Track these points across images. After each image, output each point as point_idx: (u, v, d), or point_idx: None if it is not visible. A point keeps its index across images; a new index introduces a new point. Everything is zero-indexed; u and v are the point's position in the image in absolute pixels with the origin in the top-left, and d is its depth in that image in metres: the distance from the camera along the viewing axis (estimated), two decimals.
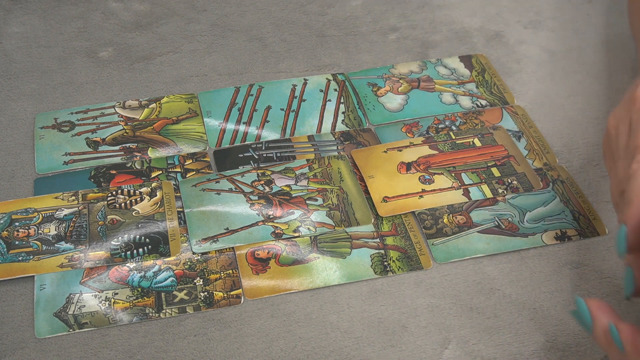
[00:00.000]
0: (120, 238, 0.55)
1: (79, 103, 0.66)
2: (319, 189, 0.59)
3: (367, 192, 0.59)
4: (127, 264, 0.54)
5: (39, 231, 0.55)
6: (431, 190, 0.59)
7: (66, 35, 0.74)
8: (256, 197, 0.58)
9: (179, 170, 0.60)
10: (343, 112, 0.66)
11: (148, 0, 0.78)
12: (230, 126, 0.64)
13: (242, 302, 0.52)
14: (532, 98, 0.68)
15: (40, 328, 0.50)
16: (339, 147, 0.63)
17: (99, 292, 0.52)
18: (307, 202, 0.58)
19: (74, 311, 0.51)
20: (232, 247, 0.55)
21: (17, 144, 0.63)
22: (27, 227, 0.55)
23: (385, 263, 0.54)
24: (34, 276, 0.53)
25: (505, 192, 0.59)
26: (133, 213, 0.57)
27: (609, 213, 0.58)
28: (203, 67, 0.70)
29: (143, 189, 0.58)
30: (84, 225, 0.56)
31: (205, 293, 0.52)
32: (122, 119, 0.65)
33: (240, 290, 0.52)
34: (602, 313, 0.43)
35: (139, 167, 0.60)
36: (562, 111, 0.66)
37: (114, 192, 0.58)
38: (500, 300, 0.52)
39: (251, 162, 0.61)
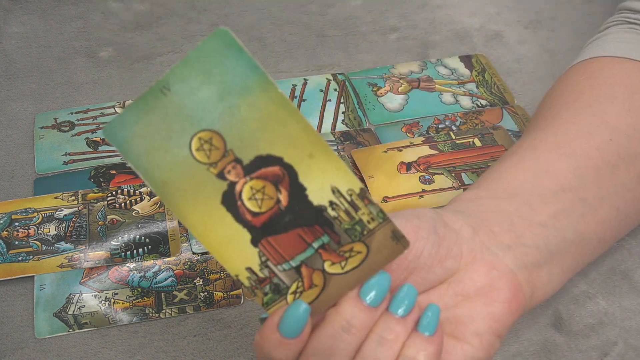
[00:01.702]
0: (120, 238, 0.55)
1: (78, 103, 0.66)
2: None
3: None
4: (127, 264, 0.54)
5: (39, 231, 0.55)
6: (431, 190, 0.59)
7: (66, 35, 0.74)
8: None
9: None
10: (343, 112, 0.66)
11: (148, 0, 0.78)
12: None
13: (242, 302, 0.52)
14: (532, 98, 0.67)
15: (40, 328, 0.50)
16: (339, 147, 0.63)
17: (99, 292, 0.52)
18: None
19: (73, 311, 0.51)
20: None
21: (17, 144, 0.63)
22: (27, 227, 0.55)
23: None
24: (33, 276, 0.53)
25: None
26: (133, 213, 0.57)
27: None
28: None
29: (143, 189, 0.58)
30: (84, 225, 0.56)
31: (205, 293, 0.52)
32: None
33: (240, 290, 0.52)
34: None
35: None
36: None
37: (113, 192, 0.58)
38: None
39: None
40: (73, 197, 0.58)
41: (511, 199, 0.44)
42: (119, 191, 0.58)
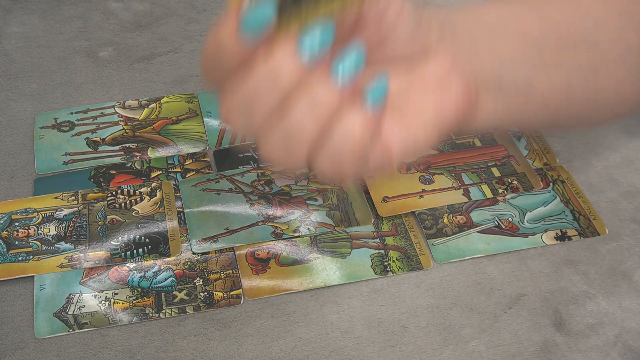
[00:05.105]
0: (120, 238, 0.55)
1: (78, 103, 0.66)
2: (319, 188, 0.59)
3: (367, 192, 0.59)
4: (127, 264, 0.54)
5: (39, 231, 0.55)
6: (431, 190, 0.59)
7: (66, 35, 0.74)
8: (256, 197, 0.58)
9: (179, 170, 0.60)
10: None
11: (148, 0, 0.78)
12: None
13: (242, 302, 0.52)
14: None
15: (40, 328, 0.50)
16: None
17: (98, 292, 0.52)
18: (307, 202, 0.58)
19: (73, 311, 0.51)
20: (232, 247, 0.55)
21: (17, 144, 0.63)
22: (26, 227, 0.55)
23: (385, 263, 0.54)
24: (33, 276, 0.53)
25: (505, 192, 0.59)
26: (133, 213, 0.57)
27: (609, 213, 0.58)
28: None
29: (143, 189, 0.58)
30: (84, 226, 0.56)
31: (205, 293, 0.52)
32: (122, 119, 0.65)
33: (240, 290, 0.52)
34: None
35: (138, 167, 0.60)
36: None
37: (113, 192, 0.58)
38: (500, 300, 0.52)
39: (251, 162, 0.61)
40: (73, 197, 0.58)
41: (478, 28, 0.45)
42: (119, 191, 0.58)
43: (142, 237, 0.55)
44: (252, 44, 0.34)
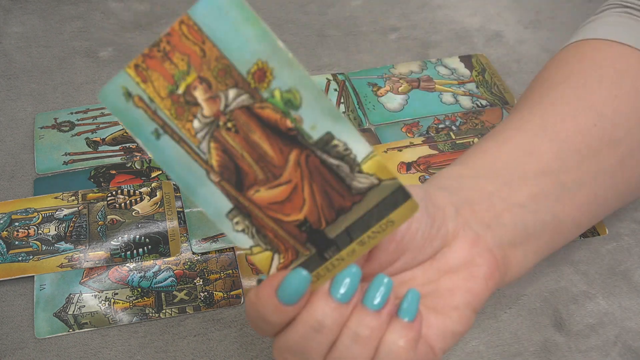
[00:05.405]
0: (120, 238, 0.55)
1: (78, 103, 0.66)
2: None
3: None
4: (127, 264, 0.54)
5: (39, 231, 0.55)
6: None
7: (66, 35, 0.74)
8: None
9: None
10: (343, 112, 0.66)
11: (148, 0, 0.78)
12: None
13: (242, 302, 0.52)
14: None
15: (40, 328, 0.50)
16: None
17: (98, 292, 0.52)
18: None
19: (73, 311, 0.51)
20: (232, 247, 0.55)
21: (17, 144, 0.63)
22: (26, 227, 0.55)
23: None
24: (33, 276, 0.53)
25: None
26: (133, 213, 0.57)
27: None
28: None
29: (143, 189, 0.58)
30: (84, 226, 0.56)
31: (205, 293, 0.52)
32: None
33: (240, 290, 0.52)
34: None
35: (138, 167, 0.60)
36: None
37: (113, 192, 0.58)
38: (500, 300, 0.52)
39: None
40: (73, 197, 0.58)
41: (493, 178, 0.45)
42: (119, 191, 0.58)
43: (142, 237, 0.55)
44: (293, 305, 0.36)
